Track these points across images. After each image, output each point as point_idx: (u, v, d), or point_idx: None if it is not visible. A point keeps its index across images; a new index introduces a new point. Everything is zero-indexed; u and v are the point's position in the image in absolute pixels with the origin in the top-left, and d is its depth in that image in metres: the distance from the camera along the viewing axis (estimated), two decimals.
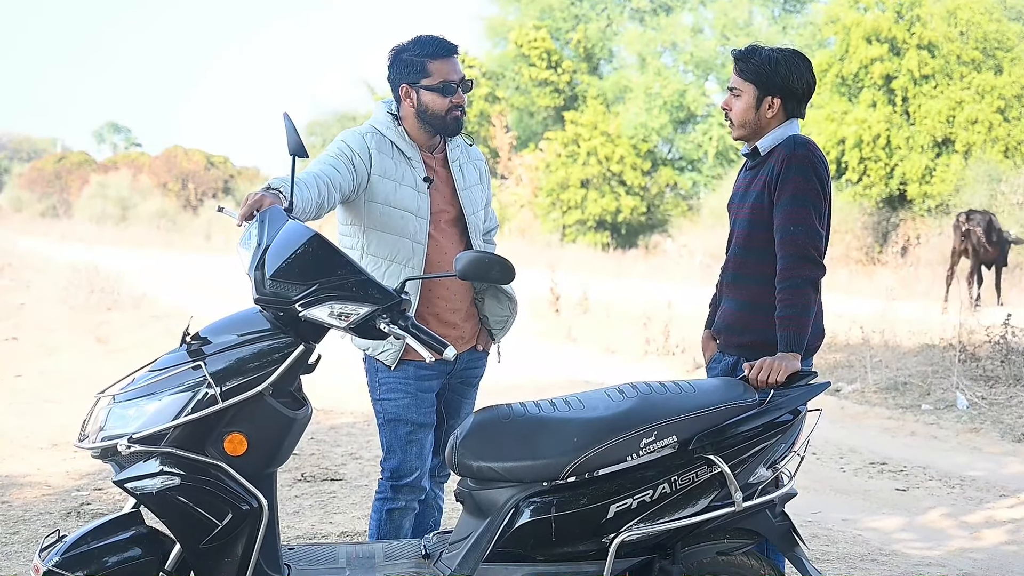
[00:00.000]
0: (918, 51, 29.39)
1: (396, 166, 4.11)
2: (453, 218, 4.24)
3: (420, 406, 4.12)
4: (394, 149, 4.13)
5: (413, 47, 4.13)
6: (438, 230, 4.18)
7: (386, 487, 4.16)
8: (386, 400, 4.12)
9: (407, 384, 4.10)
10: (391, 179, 4.08)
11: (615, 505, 3.25)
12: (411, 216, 4.09)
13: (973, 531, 6.27)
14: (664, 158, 39.73)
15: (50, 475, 7.02)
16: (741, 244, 4.08)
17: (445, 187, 4.23)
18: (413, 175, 4.13)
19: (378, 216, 4.06)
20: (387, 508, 4.16)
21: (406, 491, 4.15)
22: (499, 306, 4.30)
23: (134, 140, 72.94)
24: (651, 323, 14.49)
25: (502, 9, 43.87)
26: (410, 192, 4.10)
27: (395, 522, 4.16)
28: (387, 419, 4.13)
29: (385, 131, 4.16)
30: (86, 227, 40.96)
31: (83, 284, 18.25)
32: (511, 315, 4.34)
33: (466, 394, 4.38)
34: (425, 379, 4.12)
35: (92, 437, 3.17)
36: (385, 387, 4.12)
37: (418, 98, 4.12)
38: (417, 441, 4.12)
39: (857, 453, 8.39)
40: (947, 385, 10.73)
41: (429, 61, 4.10)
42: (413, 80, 4.11)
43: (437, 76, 4.10)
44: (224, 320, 3.36)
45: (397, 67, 4.16)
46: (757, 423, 3.35)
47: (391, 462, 4.14)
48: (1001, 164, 27.03)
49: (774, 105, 4.00)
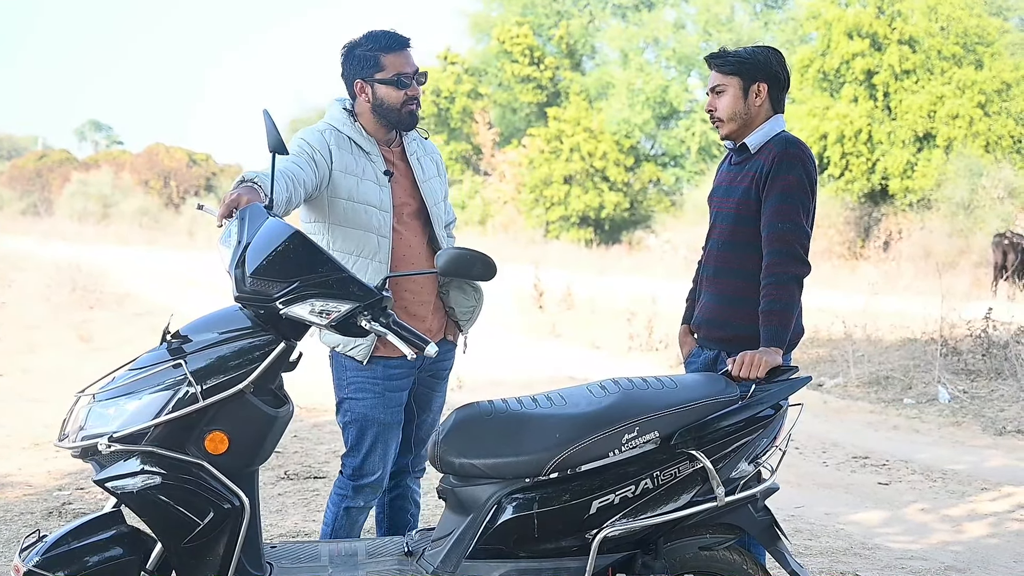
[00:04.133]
0: (899, 46, 29.51)
1: (356, 161, 4.10)
2: (415, 210, 4.23)
3: (388, 406, 4.12)
4: (352, 145, 4.12)
5: (366, 42, 4.12)
6: (401, 223, 4.18)
7: (346, 485, 4.15)
8: (354, 399, 4.11)
9: (375, 383, 4.09)
10: (352, 174, 4.07)
11: (597, 501, 3.26)
12: (375, 210, 4.08)
13: (955, 524, 6.29)
14: (647, 154, 39.79)
15: (32, 475, 6.99)
16: (724, 238, 4.08)
17: (405, 180, 4.23)
18: (374, 169, 4.12)
19: (342, 212, 4.05)
20: (345, 506, 4.15)
21: (366, 491, 4.14)
22: (465, 297, 4.30)
23: (116, 138, 72.74)
24: (635, 319, 14.51)
25: (485, 5, 43.87)
26: (372, 186, 4.09)
27: (351, 519, 4.16)
28: (353, 418, 4.11)
29: (342, 128, 4.14)
30: (68, 225, 40.77)
31: (65, 282, 18.16)
32: (477, 305, 4.34)
33: (436, 387, 4.38)
34: (394, 378, 4.11)
35: (72, 436, 3.15)
36: (354, 386, 4.11)
37: (373, 92, 4.11)
38: (383, 442, 4.12)
39: (840, 447, 8.41)
40: (929, 379, 10.78)
41: (383, 55, 4.09)
42: (367, 75, 4.10)
43: (391, 69, 4.09)
44: (205, 318, 3.34)
45: (351, 63, 4.14)
46: (739, 418, 3.36)
47: (353, 460, 4.13)
48: (982, 158, 27.16)
49: (761, 92, 4.01)
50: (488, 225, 38.08)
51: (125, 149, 61.15)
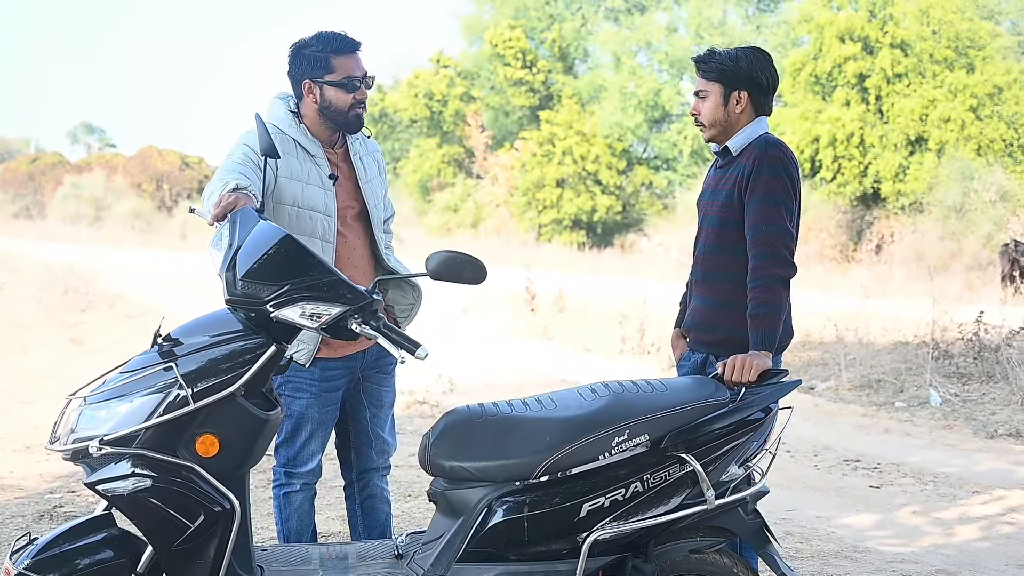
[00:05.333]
0: (891, 50, 29.56)
1: (301, 166, 4.08)
2: (357, 213, 4.23)
3: (324, 405, 4.16)
4: (298, 148, 4.10)
5: (316, 43, 4.09)
6: (345, 226, 4.18)
7: (280, 473, 4.25)
8: (291, 397, 4.13)
9: (312, 384, 4.13)
10: (298, 179, 4.05)
11: (588, 504, 3.26)
12: (319, 215, 4.07)
13: (946, 527, 6.31)
14: (639, 157, 39.80)
15: (23, 477, 6.98)
16: (711, 242, 4.10)
17: (348, 182, 4.22)
18: (319, 173, 4.11)
19: (287, 218, 4.03)
20: (284, 492, 4.23)
21: (300, 475, 4.22)
22: (403, 295, 4.33)
23: (108, 141, 72.58)
24: (627, 321, 14.51)
25: (478, 8, 43.88)
26: (317, 191, 4.08)
27: (290, 503, 4.23)
28: (289, 413, 4.14)
29: (287, 129, 4.12)
30: (60, 228, 40.75)
31: (57, 284, 18.13)
32: (415, 303, 4.37)
33: (384, 382, 4.38)
34: (330, 379, 4.15)
35: (63, 439, 3.15)
36: (291, 386, 4.13)
37: (321, 94, 4.08)
38: (316, 436, 4.19)
39: (831, 450, 8.42)
40: (920, 382, 10.79)
41: (333, 57, 4.06)
42: (316, 76, 4.07)
43: (341, 72, 4.06)
44: (196, 321, 3.35)
45: (299, 62, 4.11)
46: (729, 421, 3.37)
47: (287, 452, 4.20)
48: (974, 162, 27.20)
49: (742, 100, 4.03)
50: (481, 228, 38.07)
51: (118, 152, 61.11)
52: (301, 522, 4.25)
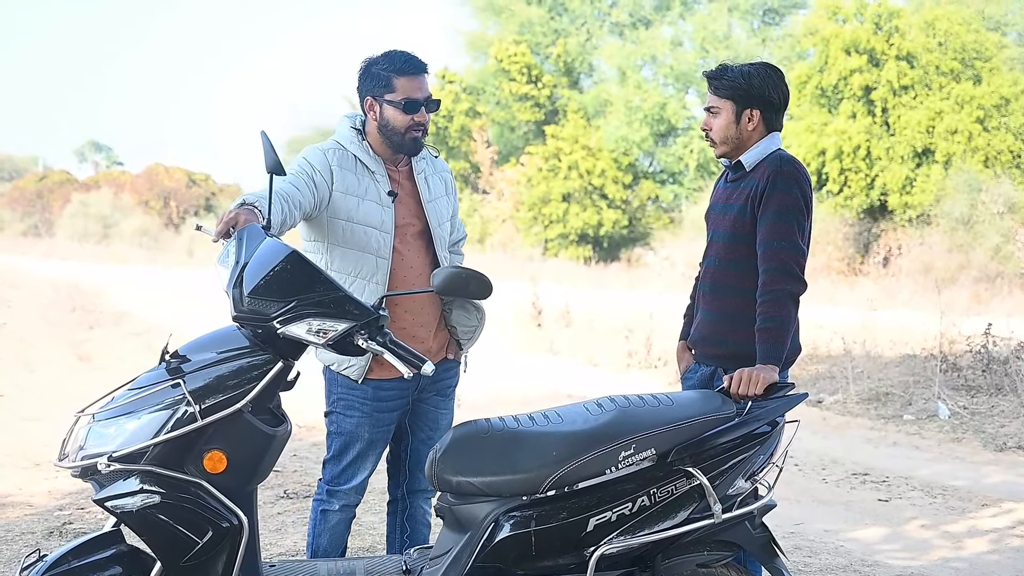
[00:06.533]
0: (897, 62, 29.53)
1: (359, 181, 4.10)
2: (419, 231, 4.24)
3: (376, 426, 4.15)
4: (358, 163, 4.13)
5: (383, 60, 4.13)
6: (404, 243, 4.18)
7: (323, 490, 4.22)
8: (342, 415, 4.14)
9: (364, 403, 4.12)
10: (354, 195, 4.08)
11: (595, 518, 3.26)
12: (374, 231, 4.08)
13: (955, 541, 6.29)
14: (645, 171, 39.76)
15: (32, 494, 6.99)
16: (721, 256, 4.11)
17: (411, 200, 4.23)
18: (377, 189, 4.13)
19: (341, 232, 4.06)
20: (322, 509, 4.21)
21: (341, 495, 4.19)
22: (467, 316, 4.31)
23: (115, 158, 72.62)
24: (633, 335, 14.52)
25: (482, 24, 43.95)
26: (374, 207, 4.10)
27: (327, 522, 4.20)
28: (339, 431, 4.15)
29: (348, 145, 4.15)
30: (68, 245, 40.78)
31: (64, 301, 18.20)
32: (479, 325, 4.36)
33: (441, 405, 4.39)
34: (385, 399, 4.14)
35: (72, 456, 3.17)
36: (343, 403, 4.14)
37: (381, 112, 4.12)
38: (364, 456, 4.17)
39: (839, 464, 8.41)
40: (929, 395, 10.78)
41: (396, 77, 4.09)
42: (378, 93, 4.11)
43: (401, 92, 4.09)
44: (203, 338, 3.36)
45: (365, 79, 4.15)
46: (735, 435, 3.37)
47: (332, 469, 4.19)
48: (981, 174, 27.13)
49: (754, 118, 4.04)
50: (487, 243, 38.04)
51: (125, 170, 61.05)
52: (332, 542, 4.22)
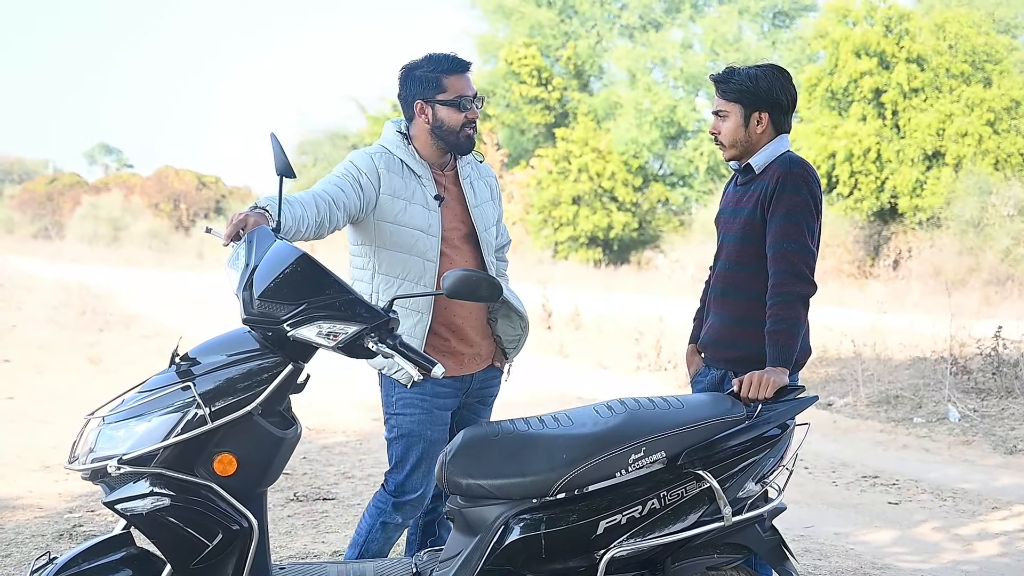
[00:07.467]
0: (907, 65, 29.49)
1: (406, 185, 4.12)
2: (465, 235, 4.26)
3: (434, 423, 4.14)
4: (404, 168, 4.15)
5: (427, 64, 4.15)
6: (451, 247, 4.20)
7: (387, 500, 4.17)
8: (401, 415, 4.13)
9: (423, 400, 4.12)
10: (401, 198, 4.09)
11: (605, 521, 3.26)
12: (421, 234, 4.10)
13: (965, 544, 6.27)
14: (655, 174, 39.78)
15: (42, 497, 7.00)
16: (732, 259, 4.10)
17: (457, 204, 4.25)
18: (424, 193, 4.14)
19: (388, 235, 4.08)
20: (382, 520, 4.17)
21: (406, 508, 4.16)
22: (511, 326, 4.35)
23: (125, 161, 72.88)
24: (643, 338, 14.51)
25: (492, 26, 43.99)
26: (420, 211, 4.11)
27: (386, 535, 4.18)
28: (400, 434, 4.14)
29: (395, 150, 4.17)
30: (78, 248, 40.95)
31: (75, 304, 18.24)
32: (523, 334, 4.41)
33: (481, 412, 4.41)
34: (441, 396, 4.15)
35: (82, 459, 3.17)
36: (402, 402, 4.13)
37: (433, 114, 4.14)
38: (428, 459, 4.13)
39: (849, 467, 8.40)
40: (939, 398, 10.75)
41: (444, 76, 4.13)
42: (428, 96, 4.13)
43: (452, 91, 4.13)
44: (213, 340, 3.36)
45: (410, 83, 4.17)
46: (745, 437, 3.36)
47: (397, 476, 4.15)
48: (991, 176, 27.08)
49: (763, 120, 4.03)
50: None
51: (135, 172, 61.34)
52: (381, 550, 4.21)
